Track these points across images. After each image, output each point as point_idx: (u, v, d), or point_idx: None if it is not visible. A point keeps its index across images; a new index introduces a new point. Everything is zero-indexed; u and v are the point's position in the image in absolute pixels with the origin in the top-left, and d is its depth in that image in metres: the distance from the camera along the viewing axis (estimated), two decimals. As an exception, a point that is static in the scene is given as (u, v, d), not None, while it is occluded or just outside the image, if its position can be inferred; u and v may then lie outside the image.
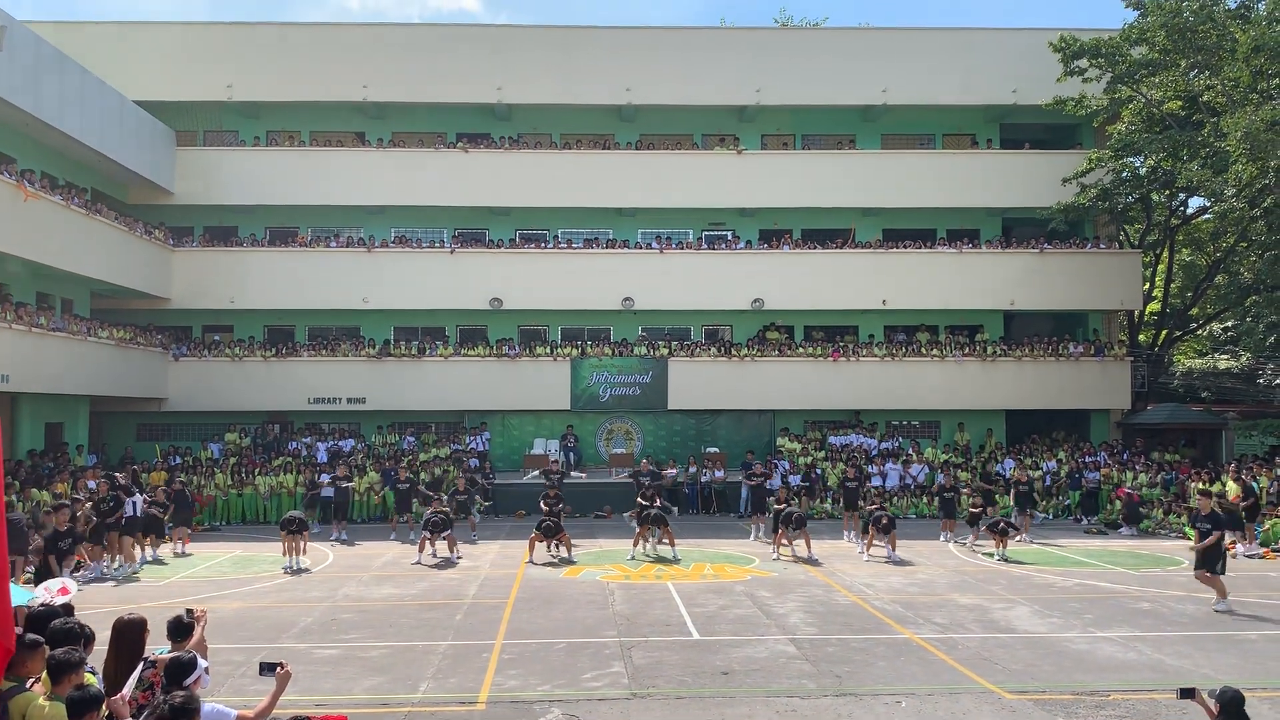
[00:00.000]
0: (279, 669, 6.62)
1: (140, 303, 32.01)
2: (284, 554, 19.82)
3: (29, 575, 16.23)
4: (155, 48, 33.24)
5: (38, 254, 24.68)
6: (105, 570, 19.04)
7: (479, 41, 34.18)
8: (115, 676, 6.85)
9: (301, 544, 19.96)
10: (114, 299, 31.34)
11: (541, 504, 22.15)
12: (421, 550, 20.35)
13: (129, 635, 7.04)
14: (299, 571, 19.33)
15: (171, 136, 33.16)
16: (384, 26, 35.66)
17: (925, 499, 28.85)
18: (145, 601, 15.91)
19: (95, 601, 15.70)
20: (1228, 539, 22.12)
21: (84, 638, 6.79)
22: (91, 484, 22.35)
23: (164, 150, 32.68)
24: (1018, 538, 22.88)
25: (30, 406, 26.40)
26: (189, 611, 7.53)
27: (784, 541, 21.11)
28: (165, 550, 21.69)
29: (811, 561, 20.21)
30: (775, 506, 22.34)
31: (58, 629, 6.66)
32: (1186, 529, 24.54)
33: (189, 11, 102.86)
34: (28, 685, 6.21)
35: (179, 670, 6.32)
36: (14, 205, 23.33)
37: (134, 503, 20.71)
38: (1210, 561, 15.61)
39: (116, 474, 23.03)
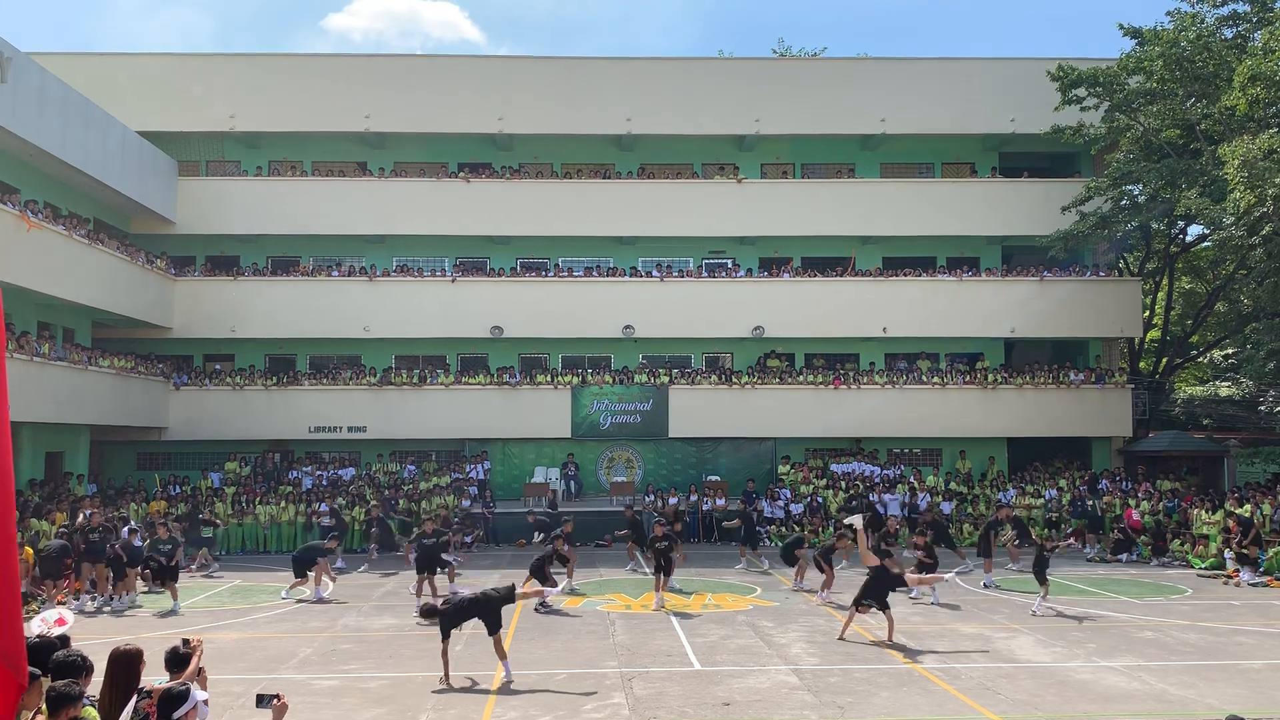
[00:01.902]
0: (275, 701, 6.58)
1: (141, 332, 32.06)
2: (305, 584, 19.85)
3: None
4: (158, 79, 33.48)
5: (40, 283, 24.74)
6: (89, 603, 18.84)
7: (480, 72, 34.43)
8: (110, 707, 6.80)
9: (323, 574, 19.89)
10: (115, 328, 31.39)
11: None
12: (419, 594, 19.08)
13: (124, 666, 7.00)
14: (322, 601, 19.38)
15: (174, 167, 33.34)
16: (386, 57, 35.93)
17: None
18: (144, 632, 15.84)
19: (94, 632, 15.62)
20: (1230, 567, 22.18)
21: (85, 669, 6.74)
22: (88, 512, 22.26)
23: (166, 180, 32.84)
24: (1010, 566, 22.84)
25: (31, 436, 26.36)
26: (185, 642, 7.49)
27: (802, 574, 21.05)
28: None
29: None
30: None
31: (59, 661, 6.61)
32: (1191, 557, 24.46)
33: (191, 43, 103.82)
34: (26, 720, 6.16)
35: (169, 702, 6.31)
36: (17, 235, 23.41)
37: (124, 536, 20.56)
38: (878, 595, 15.29)
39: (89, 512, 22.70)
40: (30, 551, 18.96)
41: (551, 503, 25.17)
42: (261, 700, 6.64)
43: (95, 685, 7.21)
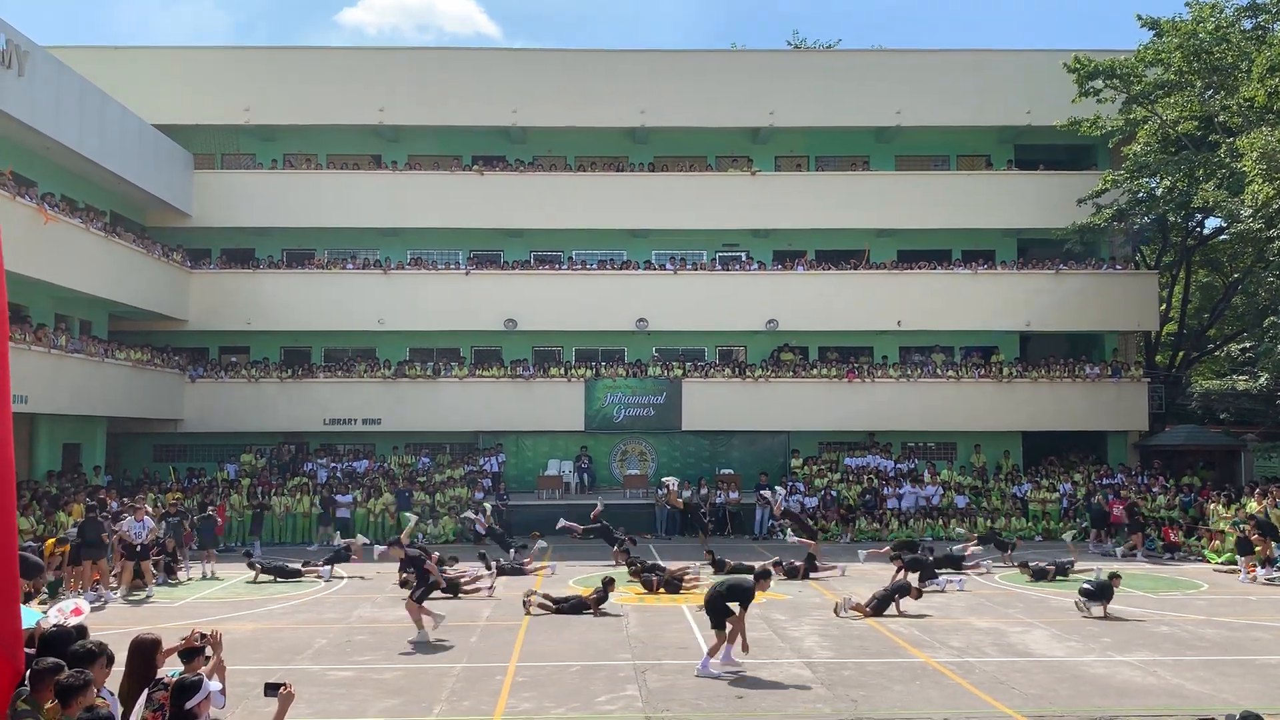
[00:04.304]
0: (282, 690, 6.67)
1: (158, 324, 32.21)
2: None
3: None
4: (174, 72, 33.60)
5: (57, 276, 24.88)
6: (102, 593, 18.74)
7: (494, 65, 34.42)
8: (129, 695, 6.89)
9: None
10: (131, 320, 31.53)
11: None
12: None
13: (140, 654, 7.08)
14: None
15: (189, 160, 33.46)
16: (400, 50, 35.92)
17: (942, 521, 28.67)
18: (161, 622, 15.92)
19: (112, 623, 15.73)
20: (1247, 563, 22.05)
21: (105, 658, 6.81)
22: (114, 505, 22.39)
23: (182, 173, 32.97)
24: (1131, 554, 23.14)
25: (48, 427, 26.55)
26: (202, 635, 7.55)
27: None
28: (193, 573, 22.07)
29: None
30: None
31: (73, 653, 6.67)
32: (1206, 552, 24.34)
33: (207, 37, 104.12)
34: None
35: (180, 692, 6.40)
36: (34, 228, 23.55)
37: (143, 526, 20.62)
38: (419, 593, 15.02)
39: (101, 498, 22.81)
40: (51, 542, 18.99)
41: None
42: (269, 690, 6.74)
43: (116, 677, 7.27)
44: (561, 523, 24.42)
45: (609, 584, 17.55)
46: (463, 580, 19.34)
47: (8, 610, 5.45)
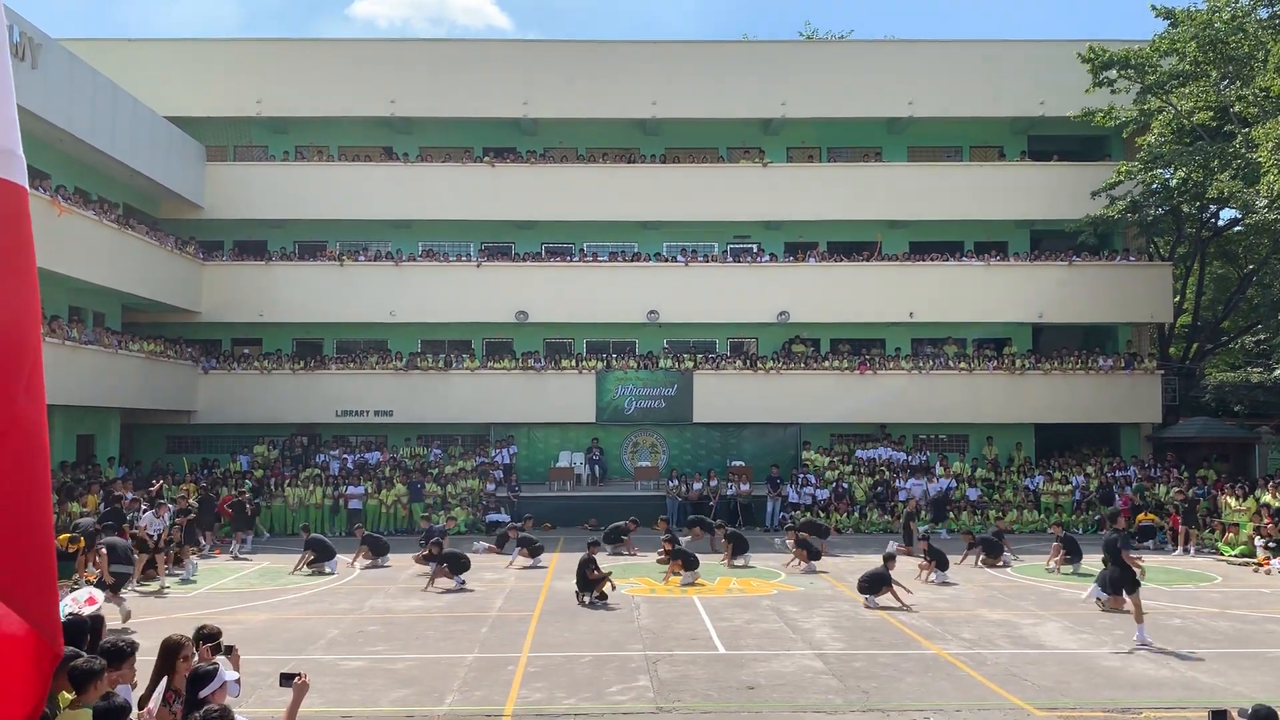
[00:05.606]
0: (297, 679, 6.71)
1: (171, 316, 32.33)
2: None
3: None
4: (186, 64, 33.66)
5: (70, 268, 24.95)
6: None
7: (505, 56, 34.41)
8: (153, 689, 7.00)
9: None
10: (145, 312, 31.66)
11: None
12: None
13: (163, 654, 7.18)
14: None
15: (202, 152, 33.54)
16: (411, 42, 35.95)
17: (952, 514, 28.62)
18: (174, 613, 16.03)
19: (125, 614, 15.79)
20: (1260, 555, 21.95)
21: (129, 653, 6.92)
22: (129, 495, 22.49)
23: (194, 165, 33.05)
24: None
25: (62, 419, 26.65)
26: (200, 630, 7.62)
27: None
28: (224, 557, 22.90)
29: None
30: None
31: (107, 648, 6.82)
32: (1220, 545, 24.25)
33: (219, 28, 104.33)
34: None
35: (196, 680, 6.45)
36: (47, 220, 23.56)
37: (162, 522, 20.69)
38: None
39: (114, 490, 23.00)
40: (65, 538, 18.99)
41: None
42: (284, 680, 6.79)
43: (144, 666, 7.32)
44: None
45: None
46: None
47: (46, 596, 5.50)
